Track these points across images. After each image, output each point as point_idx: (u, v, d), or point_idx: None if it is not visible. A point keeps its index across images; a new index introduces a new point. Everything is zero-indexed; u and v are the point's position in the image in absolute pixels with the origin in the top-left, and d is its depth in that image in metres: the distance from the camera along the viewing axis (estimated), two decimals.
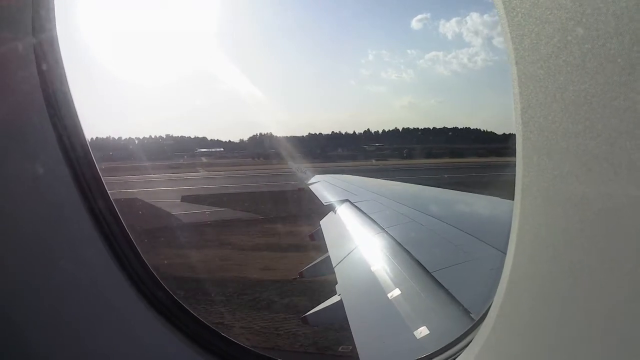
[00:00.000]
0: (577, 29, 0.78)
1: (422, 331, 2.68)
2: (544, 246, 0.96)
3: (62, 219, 1.57)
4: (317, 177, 13.98)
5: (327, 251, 5.89)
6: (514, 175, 1.00)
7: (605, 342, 0.83)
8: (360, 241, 5.38)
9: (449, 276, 3.38)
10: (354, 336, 3.04)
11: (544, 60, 0.85)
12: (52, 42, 1.55)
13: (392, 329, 3.05)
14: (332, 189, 10.58)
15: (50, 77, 1.54)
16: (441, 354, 1.76)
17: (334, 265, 4.97)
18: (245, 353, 1.95)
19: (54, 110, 1.54)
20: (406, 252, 4.29)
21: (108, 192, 1.72)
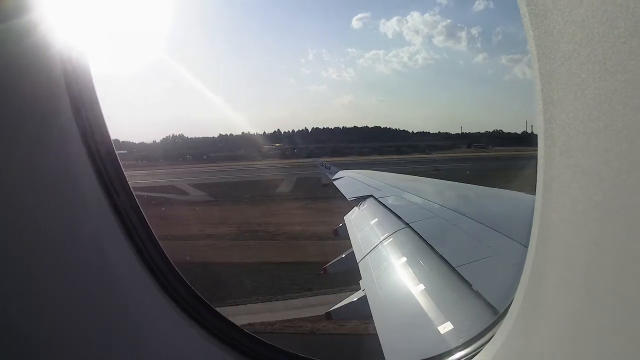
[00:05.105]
0: (598, 27, 0.78)
1: (446, 326, 2.66)
2: (565, 243, 0.96)
3: (85, 215, 1.62)
4: (341, 173, 14.09)
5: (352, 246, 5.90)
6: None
7: (628, 339, 0.80)
8: (384, 236, 5.35)
9: (474, 271, 3.33)
10: (377, 331, 3.05)
11: (566, 58, 0.86)
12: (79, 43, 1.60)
13: (415, 323, 3.03)
14: (356, 184, 10.57)
15: (76, 75, 1.58)
16: (464, 349, 1.75)
17: (357, 261, 4.97)
18: (267, 349, 1.97)
19: (78, 107, 1.58)
20: (430, 247, 4.25)
21: (131, 188, 1.76)
